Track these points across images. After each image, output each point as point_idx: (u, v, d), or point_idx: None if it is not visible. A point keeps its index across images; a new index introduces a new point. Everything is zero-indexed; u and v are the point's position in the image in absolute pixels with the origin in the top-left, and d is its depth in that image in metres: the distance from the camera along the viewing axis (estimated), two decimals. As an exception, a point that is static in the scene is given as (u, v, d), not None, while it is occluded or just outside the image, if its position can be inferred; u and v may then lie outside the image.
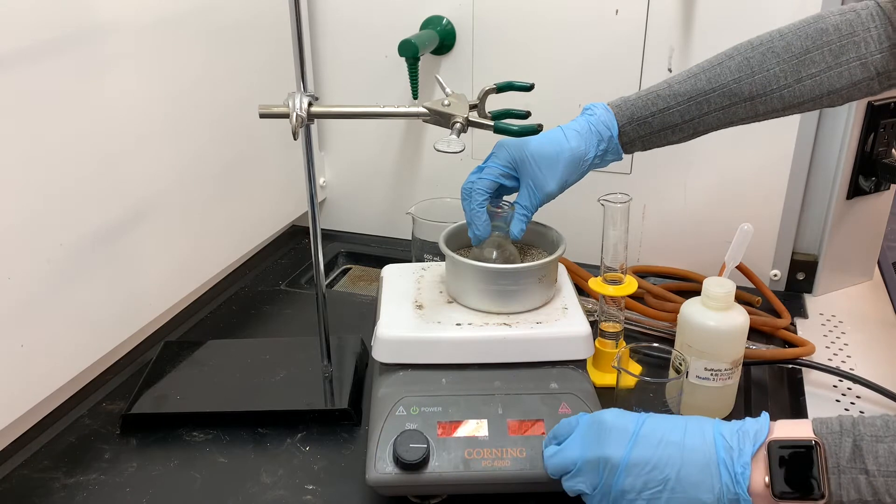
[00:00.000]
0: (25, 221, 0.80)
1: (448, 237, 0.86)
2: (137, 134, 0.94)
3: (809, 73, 0.77)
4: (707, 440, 0.59)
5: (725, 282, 0.82)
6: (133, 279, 0.97)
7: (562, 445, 0.66)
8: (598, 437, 0.62)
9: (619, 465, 0.60)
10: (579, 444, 0.64)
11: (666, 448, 0.59)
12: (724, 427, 0.60)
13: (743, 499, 0.57)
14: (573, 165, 0.80)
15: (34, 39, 0.79)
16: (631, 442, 0.60)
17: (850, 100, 0.78)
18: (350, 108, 0.80)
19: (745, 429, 0.59)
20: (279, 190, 1.26)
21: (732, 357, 0.82)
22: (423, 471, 0.70)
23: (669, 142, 0.83)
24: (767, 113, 0.79)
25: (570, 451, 0.64)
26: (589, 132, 0.80)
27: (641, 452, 0.60)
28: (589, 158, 0.81)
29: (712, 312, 0.81)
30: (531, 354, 0.79)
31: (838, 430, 0.56)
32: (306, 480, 0.78)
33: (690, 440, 0.60)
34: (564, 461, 0.65)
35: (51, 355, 0.86)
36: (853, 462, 0.54)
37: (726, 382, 0.82)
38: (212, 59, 1.05)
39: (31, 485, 0.78)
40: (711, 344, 0.81)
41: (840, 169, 1.07)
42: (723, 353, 0.81)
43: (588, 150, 0.80)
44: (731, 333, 0.81)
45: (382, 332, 0.79)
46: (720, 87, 0.79)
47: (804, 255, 1.15)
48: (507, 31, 1.15)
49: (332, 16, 1.23)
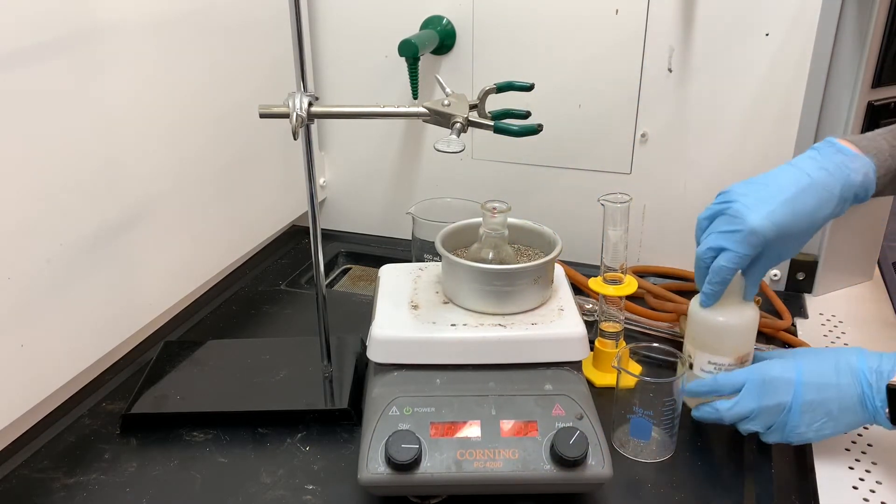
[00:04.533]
0: (25, 221, 0.80)
1: (445, 237, 0.86)
2: (137, 134, 0.94)
3: None
4: (855, 378, 0.73)
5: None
6: (133, 279, 0.97)
7: (736, 399, 0.77)
8: (770, 389, 0.75)
9: (790, 409, 0.74)
10: (754, 396, 0.76)
11: (826, 391, 0.73)
12: (866, 362, 0.73)
13: (883, 424, 0.73)
14: (816, 230, 0.78)
15: (34, 39, 0.79)
16: (796, 390, 0.74)
17: None
18: (350, 108, 0.80)
19: (882, 368, 0.72)
20: (279, 190, 1.26)
21: (737, 353, 0.81)
22: (415, 471, 0.71)
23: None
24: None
25: (747, 402, 0.76)
26: (842, 195, 0.75)
27: (808, 396, 0.74)
28: (837, 216, 0.78)
29: (721, 307, 0.81)
30: (526, 355, 0.79)
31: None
32: (306, 480, 0.78)
33: (843, 379, 0.73)
34: (742, 411, 0.77)
35: (51, 355, 0.86)
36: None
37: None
38: (212, 59, 1.05)
39: (31, 485, 0.78)
40: (714, 338, 0.82)
41: (840, 169, 1.07)
42: (729, 349, 0.81)
43: (841, 210, 0.77)
44: (736, 329, 0.81)
45: (377, 332, 0.79)
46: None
47: (804, 255, 1.15)
48: (507, 31, 1.15)
49: (332, 16, 1.23)
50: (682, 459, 0.82)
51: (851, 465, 0.81)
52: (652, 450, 0.82)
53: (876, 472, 0.80)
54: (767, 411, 0.76)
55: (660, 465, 0.81)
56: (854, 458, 0.82)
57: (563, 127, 1.16)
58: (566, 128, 1.16)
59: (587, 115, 1.15)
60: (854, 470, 0.80)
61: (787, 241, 0.76)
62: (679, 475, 0.80)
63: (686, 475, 0.80)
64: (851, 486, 0.78)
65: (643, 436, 0.81)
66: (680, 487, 0.78)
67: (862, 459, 0.81)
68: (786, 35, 1.02)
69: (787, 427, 0.75)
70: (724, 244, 0.76)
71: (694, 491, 0.78)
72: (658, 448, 0.82)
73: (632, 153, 1.15)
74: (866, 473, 0.80)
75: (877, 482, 0.78)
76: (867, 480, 0.79)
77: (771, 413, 0.75)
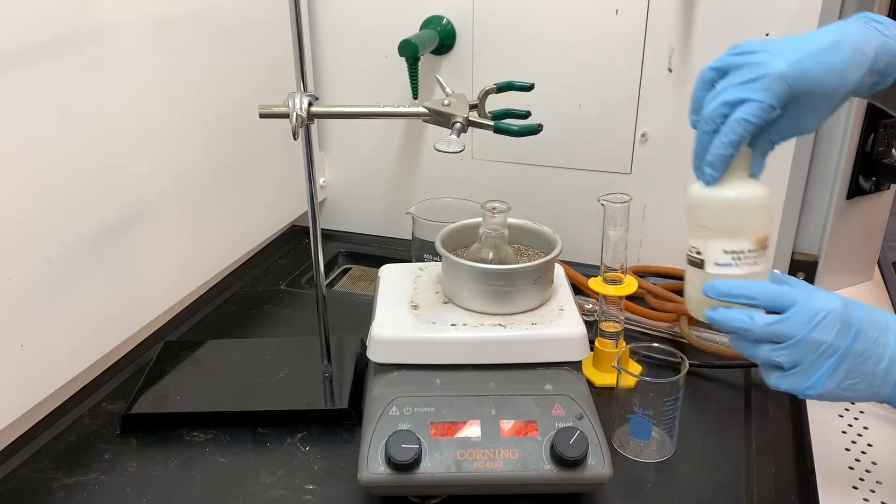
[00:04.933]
0: (25, 221, 0.80)
1: (445, 237, 0.86)
2: (137, 134, 0.94)
3: None
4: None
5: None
6: (133, 279, 0.97)
7: (783, 317, 0.64)
8: (827, 323, 0.63)
9: (838, 353, 0.63)
10: (804, 322, 0.63)
11: (878, 348, 0.63)
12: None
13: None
14: (847, 98, 0.67)
15: (34, 39, 0.79)
16: (852, 335, 0.63)
17: None
18: (350, 108, 0.80)
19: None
20: (279, 190, 1.26)
21: (757, 234, 0.66)
22: (415, 471, 0.71)
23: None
24: None
25: (793, 325, 0.63)
26: (874, 63, 0.65)
27: (859, 346, 0.63)
28: (865, 93, 0.67)
29: (728, 182, 0.67)
30: (526, 355, 0.79)
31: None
32: (306, 480, 0.78)
33: (892, 342, 0.63)
34: (784, 332, 0.63)
35: (51, 355, 0.86)
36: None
37: (752, 269, 0.66)
38: (212, 59, 1.05)
39: (31, 485, 0.78)
40: (730, 217, 0.67)
41: (840, 169, 1.07)
42: (746, 229, 0.66)
43: (873, 80, 0.66)
44: (752, 202, 0.67)
45: (377, 332, 0.79)
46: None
47: (804, 255, 1.15)
48: (507, 31, 1.15)
49: (332, 16, 1.23)
50: (682, 459, 0.82)
51: (851, 465, 0.81)
52: (652, 450, 0.82)
53: (876, 472, 0.80)
54: (810, 346, 0.63)
55: (660, 465, 0.81)
56: (854, 458, 0.82)
57: (563, 127, 1.16)
58: (566, 128, 1.16)
59: (587, 115, 1.15)
60: (854, 470, 0.80)
61: (811, 100, 0.65)
62: (679, 475, 0.80)
63: (686, 475, 0.80)
64: (851, 486, 0.78)
65: (643, 436, 0.81)
66: (680, 487, 0.78)
67: (862, 459, 0.81)
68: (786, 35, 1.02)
69: (820, 373, 0.63)
70: (745, 95, 0.63)
71: (694, 491, 0.78)
72: (658, 448, 0.82)
73: (632, 153, 1.15)
74: (866, 473, 0.80)
75: (877, 482, 0.78)
76: (867, 480, 0.79)
77: (811, 350, 0.63)
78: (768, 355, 0.64)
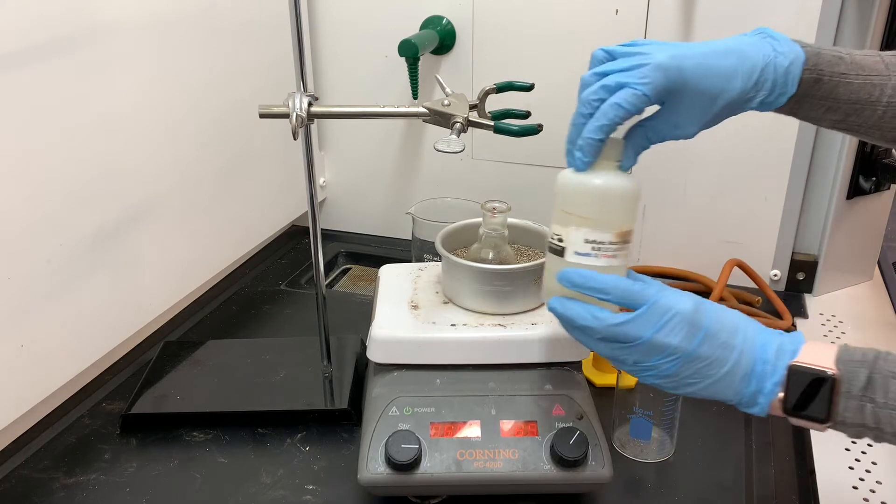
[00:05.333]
0: (25, 221, 0.80)
1: (445, 237, 0.86)
2: (137, 134, 0.94)
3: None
4: (754, 351, 0.61)
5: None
6: (133, 279, 0.97)
7: (630, 317, 0.61)
8: (675, 326, 0.61)
9: (680, 357, 0.61)
10: (653, 323, 0.61)
11: (724, 351, 0.61)
12: (769, 339, 0.62)
13: (761, 409, 0.61)
14: (729, 109, 0.66)
15: (34, 39, 0.79)
16: (699, 338, 0.61)
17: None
18: (350, 108, 0.80)
19: (784, 348, 0.61)
20: (279, 190, 1.26)
21: (621, 226, 0.64)
22: (415, 471, 0.71)
23: (817, 119, 0.70)
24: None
25: (641, 327, 0.61)
26: (762, 76, 0.66)
27: (705, 350, 0.61)
28: (752, 106, 0.67)
29: (597, 171, 0.65)
30: (526, 355, 0.78)
31: (859, 361, 0.58)
32: (306, 480, 0.78)
33: (744, 346, 0.61)
34: (631, 334, 0.61)
35: (51, 355, 0.86)
36: (864, 391, 0.57)
37: (611, 262, 0.64)
38: (212, 59, 1.05)
39: (31, 485, 0.78)
40: (595, 206, 0.64)
41: (840, 169, 1.07)
42: (610, 220, 0.64)
43: (757, 92, 0.66)
44: (619, 193, 0.65)
45: (377, 332, 0.79)
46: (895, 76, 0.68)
47: (804, 255, 1.15)
48: (507, 31, 1.15)
49: (332, 16, 1.23)
50: (682, 459, 0.82)
51: (851, 465, 0.81)
52: (652, 450, 0.82)
53: (876, 472, 0.80)
54: (655, 348, 0.61)
55: (660, 465, 0.81)
56: (854, 458, 0.82)
57: (563, 127, 1.15)
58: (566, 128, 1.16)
59: (587, 115, 1.15)
60: (854, 470, 0.80)
61: (690, 101, 0.64)
62: (679, 475, 0.80)
63: (686, 475, 0.80)
64: (851, 486, 0.78)
65: (643, 436, 0.81)
66: (680, 487, 0.78)
67: (862, 459, 0.81)
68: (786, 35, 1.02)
69: (660, 370, 0.62)
70: (623, 80, 0.62)
71: (694, 491, 0.78)
72: (658, 448, 0.82)
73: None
74: (866, 473, 0.80)
75: (877, 482, 0.78)
76: (867, 480, 0.79)
77: (656, 352, 0.61)
78: (611, 353, 0.63)
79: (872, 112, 0.69)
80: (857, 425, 0.57)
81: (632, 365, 0.63)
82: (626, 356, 0.62)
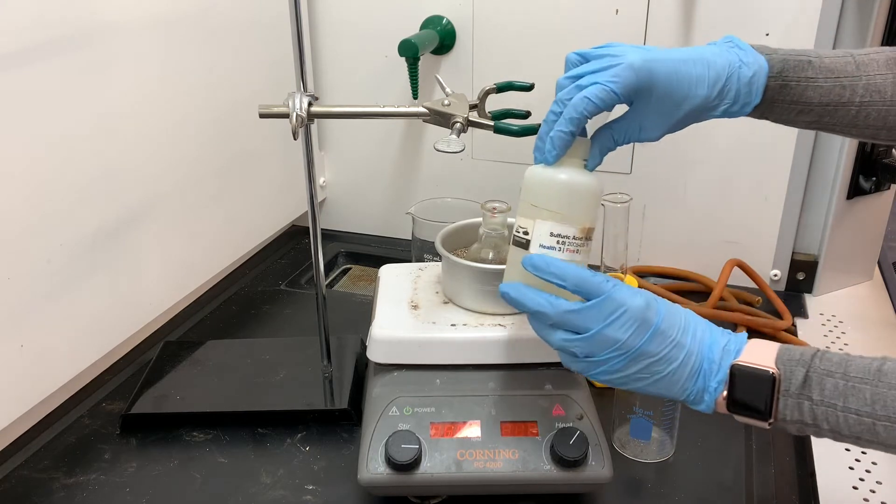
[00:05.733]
0: (25, 221, 0.80)
1: (445, 237, 0.86)
2: (137, 134, 0.94)
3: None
4: (702, 350, 0.63)
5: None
6: (133, 279, 0.97)
7: (583, 307, 0.63)
8: (626, 322, 0.62)
9: (628, 353, 0.62)
10: (604, 317, 0.62)
11: (673, 349, 0.62)
12: (717, 338, 0.64)
13: (707, 407, 0.63)
14: (693, 116, 0.69)
15: (34, 39, 0.79)
16: (648, 335, 0.62)
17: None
18: (350, 108, 0.80)
19: (728, 348, 0.63)
20: (279, 190, 1.26)
21: (583, 222, 0.67)
22: (415, 471, 0.71)
23: (790, 121, 0.72)
24: (892, 129, 0.71)
25: (591, 318, 0.62)
26: (727, 85, 0.68)
27: (654, 347, 0.62)
28: (715, 114, 0.69)
29: (564, 166, 0.67)
30: (526, 355, 0.78)
31: (797, 360, 0.60)
32: (306, 480, 0.78)
33: (692, 345, 0.63)
34: (581, 324, 0.63)
35: (51, 355, 0.86)
36: (801, 390, 0.59)
37: (573, 257, 0.67)
38: (212, 59, 1.05)
39: (31, 485, 0.78)
40: (561, 200, 0.66)
41: (840, 169, 1.07)
42: (574, 215, 0.66)
43: (720, 101, 0.68)
44: (583, 189, 0.67)
45: (377, 332, 0.79)
46: (867, 76, 0.70)
47: (804, 255, 1.15)
48: (507, 31, 1.15)
49: (332, 16, 1.23)
50: (682, 459, 0.82)
51: (851, 465, 0.81)
52: (652, 450, 0.82)
53: (876, 472, 0.80)
54: (604, 342, 0.62)
55: (660, 465, 0.81)
56: (854, 458, 0.82)
57: (563, 127, 1.16)
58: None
59: (587, 115, 1.15)
60: (854, 470, 0.80)
61: (656, 104, 0.67)
62: (679, 475, 0.80)
63: (686, 475, 0.80)
64: (851, 486, 0.78)
65: (643, 436, 0.81)
66: (680, 487, 0.78)
67: (862, 459, 0.81)
68: (786, 35, 1.02)
69: (608, 366, 0.63)
70: (595, 79, 0.65)
71: (694, 491, 0.78)
72: (658, 448, 0.82)
73: (632, 153, 1.15)
74: (866, 473, 0.80)
75: (877, 482, 0.78)
76: (867, 480, 0.79)
77: (605, 346, 0.62)
78: (563, 343, 0.64)
79: (846, 112, 0.71)
80: (797, 422, 0.59)
81: (582, 359, 0.64)
82: (577, 348, 0.63)
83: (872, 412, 0.56)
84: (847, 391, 0.57)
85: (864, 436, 0.57)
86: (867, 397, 0.57)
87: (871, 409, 0.56)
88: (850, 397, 0.57)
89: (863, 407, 0.57)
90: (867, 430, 0.57)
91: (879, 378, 0.57)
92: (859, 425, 0.57)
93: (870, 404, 0.56)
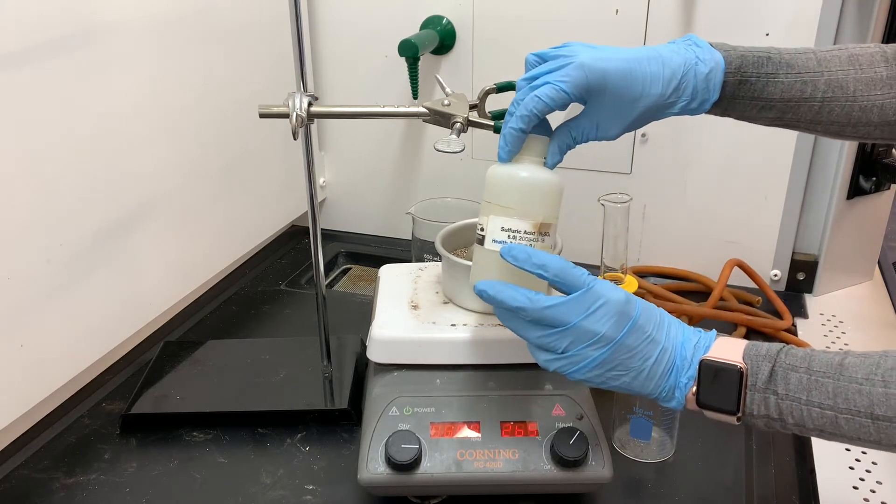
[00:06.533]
0: (25, 221, 0.80)
1: (444, 237, 0.86)
2: (137, 134, 0.94)
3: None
4: (675, 347, 0.64)
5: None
6: (133, 279, 0.97)
7: (561, 301, 0.63)
8: (604, 315, 0.62)
9: (608, 346, 0.62)
10: (581, 310, 0.62)
11: (649, 345, 0.63)
12: (689, 336, 0.65)
13: (678, 403, 0.64)
14: (650, 114, 0.69)
15: (34, 39, 0.79)
16: (627, 328, 0.63)
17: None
18: (350, 108, 0.80)
19: (699, 344, 0.64)
20: (279, 190, 1.26)
21: (537, 217, 0.67)
22: (415, 471, 0.71)
23: (752, 118, 0.73)
24: (856, 125, 0.72)
25: (569, 311, 0.62)
26: (682, 82, 0.68)
27: (632, 341, 0.63)
28: (673, 111, 0.70)
29: (521, 164, 0.68)
30: (526, 355, 0.77)
31: (763, 355, 0.61)
32: (306, 480, 0.78)
33: (667, 342, 0.64)
34: (558, 318, 0.62)
35: (51, 355, 0.86)
36: (767, 384, 0.60)
37: None
38: (212, 59, 1.05)
39: (31, 485, 0.78)
40: (512, 195, 0.67)
41: (840, 169, 1.07)
42: (526, 209, 0.67)
43: (677, 98, 0.69)
44: (537, 184, 0.68)
45: (377, 332, 0.79)
46: (828, 72, 0.70)
47: (804, 255, 1.15)
48: (507, 31, 1.15)
49: (332, 16, 1.23)
50: (682, 459, 0.82)
51: (851, 465, 0.81)
52: (652, 450, 0.82)
53: (876, 472, 0.80)
54: (583, 334, 0.62)
55: (660, 465, 0.81)
56: (854, 458, 0.82)
57: (563, 127, 1.16)
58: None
59: (587, 115, 1.15)
60: (854, 470, 0.80)
61: (610, 103, 0.67)
62: (679, 475, 0.80)
63: (686, 475, 0.80)
64: (852, 486, 0.78)
65: (643, 436, 0.81)
66: (680, 487, 0.78)
67: (862, 459, 0.81)
68: (786, 35, 1.02)
69: (587, 360, 0.63)
70: (548, 79, 0.66)
71: (694, 491, 0.78)
72: (658, 448, 0.82)
73: (632, 153, 1.15)
74: (866, 473, 0.80)
75: (877, 482, 0.78)
76: (867, 480, 0.79)
77: (584, 339, 0.62)
78: (540, 340, 0.64)
79: (809, 108, 0.71)
80: (763, 416, 0.60)
81: (560, 355, 0.64)
82: (556, 342, 0.63)
83: (835, 405, 0.57)
84: (811, 385, 0.58)
85: (827, 429, 0.58)
86: (829, 391, 0.57)
87: (834, 403, 0.57)
88: (813, 391, 0.58)
89: (825, 400, 0.57)
90: (830, 423, 0.58)
91: (841, 372, 0.57)
92: (822, 419, 0.58)
93: (832, 398, 0.57)
